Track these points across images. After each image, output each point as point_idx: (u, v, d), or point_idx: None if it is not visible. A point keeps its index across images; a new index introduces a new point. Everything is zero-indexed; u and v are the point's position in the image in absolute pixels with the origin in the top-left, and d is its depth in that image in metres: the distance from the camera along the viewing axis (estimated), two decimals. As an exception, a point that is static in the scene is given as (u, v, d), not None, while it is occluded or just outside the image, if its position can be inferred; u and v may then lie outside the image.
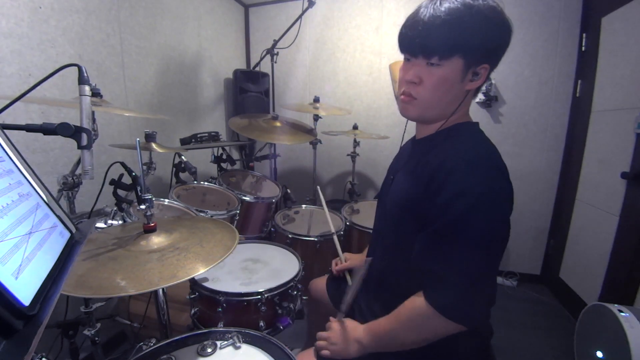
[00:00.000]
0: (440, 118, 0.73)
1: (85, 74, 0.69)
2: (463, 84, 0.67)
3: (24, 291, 0.33)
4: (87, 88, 0.69)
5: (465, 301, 0.62)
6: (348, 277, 1.07)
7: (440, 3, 0.63)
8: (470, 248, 0.61)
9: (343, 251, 1.17)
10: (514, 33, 0.66)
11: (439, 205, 0.64)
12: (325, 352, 0.77)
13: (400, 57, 0.74)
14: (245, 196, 1.65)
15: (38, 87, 0.68)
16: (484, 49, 0.64)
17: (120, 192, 1.09)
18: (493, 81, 2.13)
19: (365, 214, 1.86)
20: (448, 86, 0.67)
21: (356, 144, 2.17)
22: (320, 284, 1.17)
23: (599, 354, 1.21)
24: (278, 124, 1.83)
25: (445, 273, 0.62)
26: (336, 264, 1.14)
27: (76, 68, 0.69)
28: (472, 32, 0.61)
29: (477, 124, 0.77)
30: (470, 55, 0.64)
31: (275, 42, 2.09)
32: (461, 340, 0.72)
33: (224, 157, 1.92)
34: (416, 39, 0.65)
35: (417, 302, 0.67)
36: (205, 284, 1.01)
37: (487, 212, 0.61)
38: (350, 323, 0.80)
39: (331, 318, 0.83)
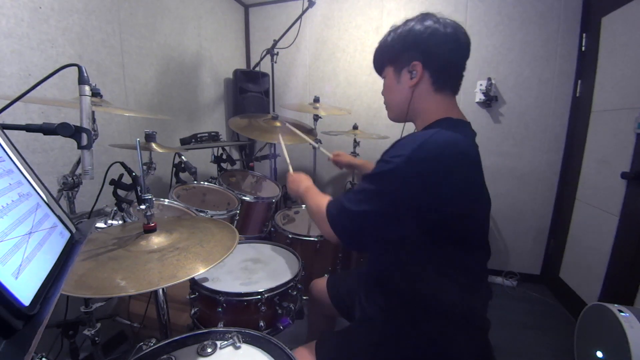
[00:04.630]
0: (406, 115, 0.86)
1: (85, 74, 0.69)
2: (402, 84, 0.82)
3: (24, 291, 0.33)
4: (87, 88, 0.69)
5: (342, 217, 0.74)
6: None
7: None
8: (371, 184, 0.70)
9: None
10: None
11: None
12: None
13: None
14: (245, 196, 1.65)
15: (38, 87, 0.68)
16: (404, 52, 0.80)
17: (120, 192, 1.09)
18: (493, 81, 2.13)
19: (365, 214, 1.85)
20: (392, 89, 0.86)
21: (356, 144, 2.17)
22: (320, 284, 1.18)
23: (599, 354, 1.21)
24: (278, 124, 1.83)
25: (344, 196, 0.75)
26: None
27: (76, 68, 0.69)
28: (386, 46, 0.84)
29: (458, 120, 0.78)
30: (395, 62, 0.83)
31: (275, 42, 2.09)
32: (459, 332, 0.74)
33: (224, 157, 1.92)
34: (373, 65, 0.92)
35: (323, 205, 0.80)
36: (205, 284, 1.01)
37: (410, 167, 0.66)
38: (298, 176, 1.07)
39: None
